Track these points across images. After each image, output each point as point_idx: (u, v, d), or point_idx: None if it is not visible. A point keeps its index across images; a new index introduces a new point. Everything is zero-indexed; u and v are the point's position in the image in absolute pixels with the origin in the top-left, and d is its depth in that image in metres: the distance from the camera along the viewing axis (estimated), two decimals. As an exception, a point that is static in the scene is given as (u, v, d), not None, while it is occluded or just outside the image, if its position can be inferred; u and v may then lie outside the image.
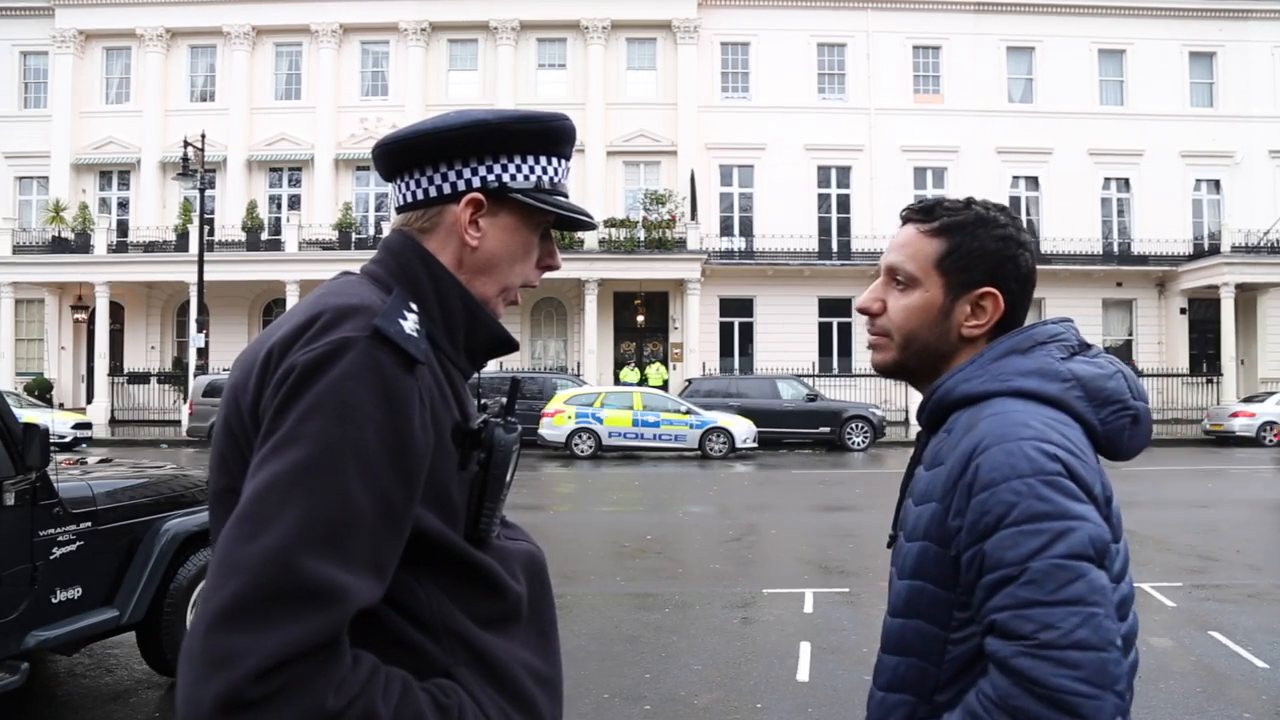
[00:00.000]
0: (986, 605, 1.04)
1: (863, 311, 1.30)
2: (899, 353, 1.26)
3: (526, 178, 1.13)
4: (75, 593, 4.05)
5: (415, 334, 0.99)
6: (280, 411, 0.92)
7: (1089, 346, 1.23)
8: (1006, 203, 24.08)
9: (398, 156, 1.13)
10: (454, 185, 1.11)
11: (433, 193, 1.12)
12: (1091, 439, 1.14)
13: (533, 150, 1.13)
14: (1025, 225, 1.26)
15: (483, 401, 1.19)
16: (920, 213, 1.26)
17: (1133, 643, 1.13)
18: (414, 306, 1.04)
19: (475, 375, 1.19)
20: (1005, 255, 1.22)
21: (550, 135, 1.14)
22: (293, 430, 0.90)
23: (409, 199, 1.14)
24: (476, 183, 1.11)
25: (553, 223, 1.19)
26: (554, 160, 1.16)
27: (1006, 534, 1.03)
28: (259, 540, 0.86)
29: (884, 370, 1.29)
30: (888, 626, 1.20)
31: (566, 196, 1.18)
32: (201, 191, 21.49)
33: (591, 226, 1.24)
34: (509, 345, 1.18)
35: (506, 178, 1.12)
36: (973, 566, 1.07)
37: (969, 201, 1.26)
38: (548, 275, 1.25)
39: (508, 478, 1.07)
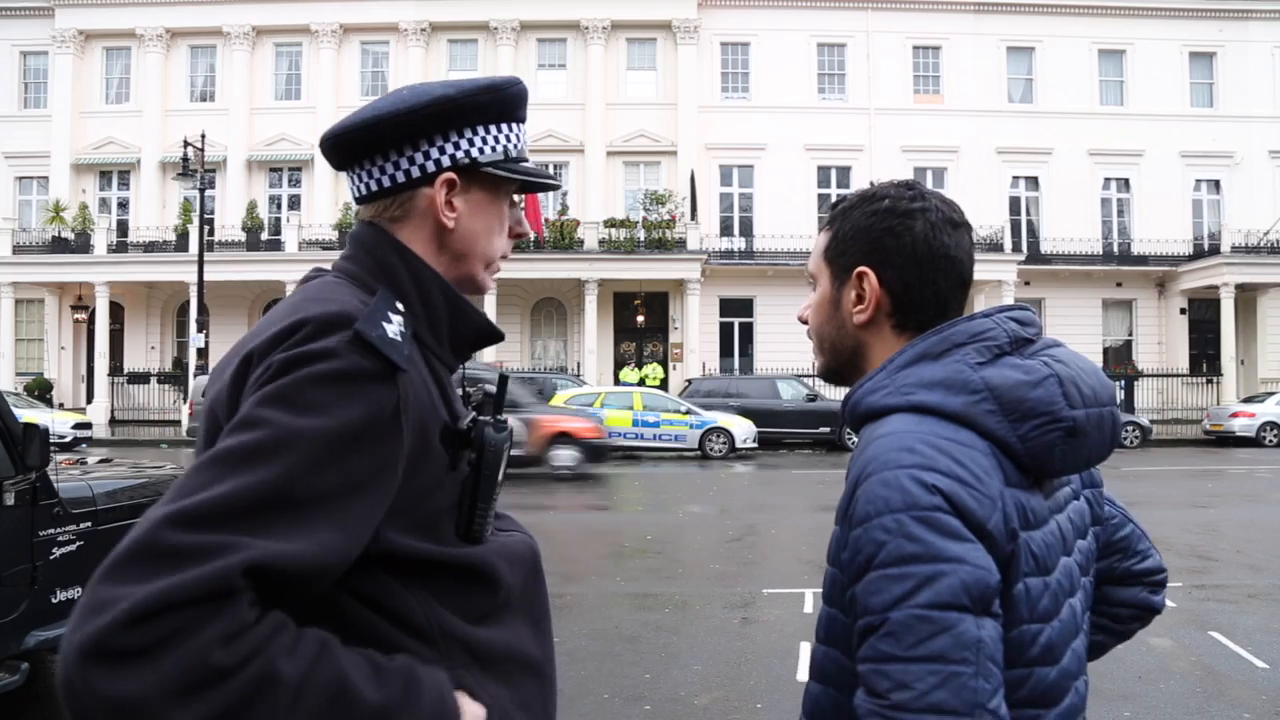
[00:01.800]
0: (857, 653, 0.94)
1: (801, 322, 1.25)
2: (821, 356, 1.21)
3: (494, 149, 1.10)
4: (75, 593, 4.05)
5: (399, 338, 0.96)
6: (251, 401, 0.89)
7: (1028, 342, 1.08)
8: (1006, 203, 23.76)
9: (355, 144, 1.08)
10: (423, 167, 1.07)
11: (400, 178, 1.08)
12: (1011, 457, 1.00)
13: (495, 119, 1.11)
14: (929, 195, 1.13)
15: (466, 391, 1.16)
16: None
17: (1069, 685, 1.04)
18: (399, 306, 1.00)
19: (460, 368, 1.16)
20: (880, 229, 1.11)
21: (509, 101, 1.12)
22: (249, 415, 0.87)
23: (374, 188, 1.09)
24: (447, 161, 1.07)
25: (516, 189, 1.17)
26: (514, 126, 1.13)
27: (873, 577, 0.93)
28: (170, 503, 0.82)
29: (823, 378, 1.23)
30: (814, 651, 1.10)
31: (527, 160, 1.16)
32: (201, 191, 21.49)
33: (555, 187, 1.22)
34: (493, 336, 1.15)
35: (475, 152, 1.09)
36: (851, 607, 0.97)
37: (866, 191, 1.18)
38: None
39: (499, 476, 1.05)
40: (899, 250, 1.10)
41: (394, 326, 0.96)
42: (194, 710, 0.75)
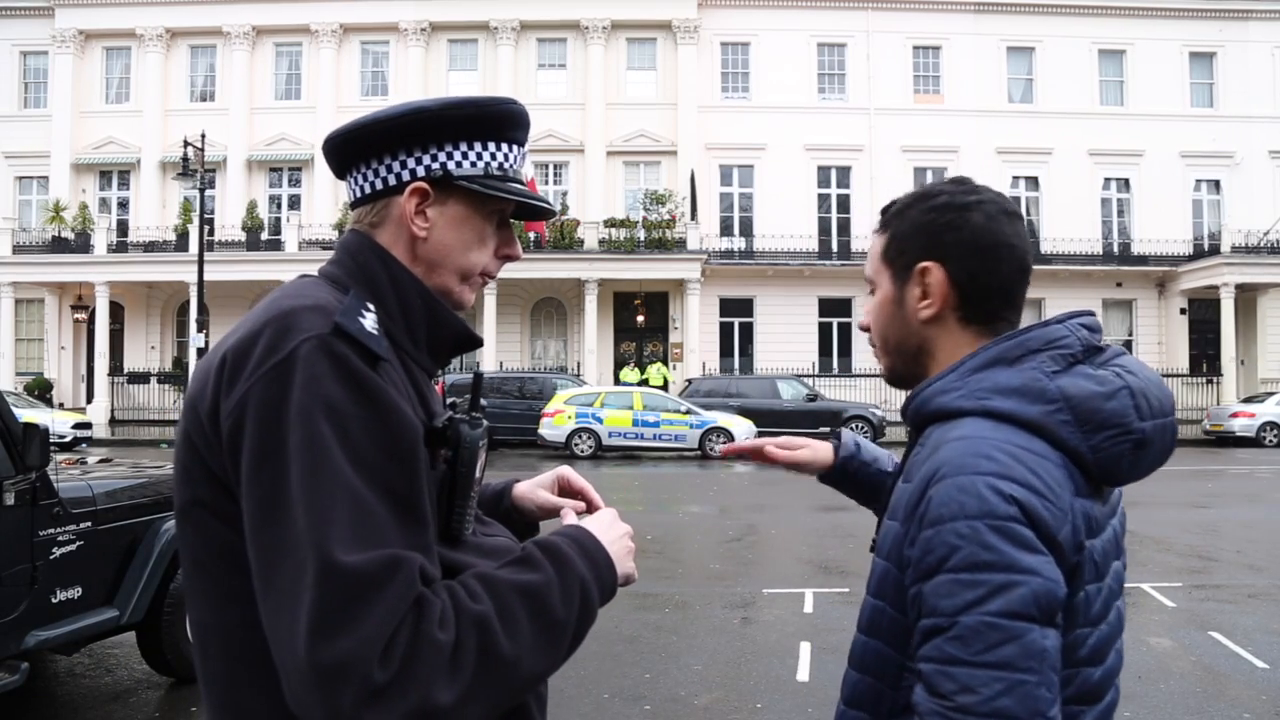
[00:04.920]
0: (918, 650, 0.97)
1: (863, 329, 1.25)
2: (886, 359, 1.21)
3: (473, 164, 1.09)
4: (75, 593, 4.05)
5: (376, 331, 0.98)
6: (258, 434, 0.90)
7: (1099, 350, 1.09)
8: None
9: (343, 151, 1.11)
10: (399, 176, 1.08)
11: (378, 185, 1.09)
12: (1081, 467, 1.02)
13: (479, 136, 1.10)
14: (982, 189, 1.16)
15: (451, 401, 1.17)
16: (881, 215, 1.23)
17: (1111, 683, 1.07)
18: (371, 306, 1.02)
19: (440, 373, 1.18)
20: (940, 224, 1.12)
21: (495, 120, 1.11)
22: (267, 447, 0.89)
23: (358, 194, 1.11)
24: (421, 171, 1.08)
25: (510, 211, 1.15)
26: (503, 146, 1.12)
27: (943, 580, 0.94)
28: (292, 556, 0.86)
29: (888, 381, 1.24)
30: (855, 641, 1.14)
31: (522, 183, 1.15)
32: (201, 191, 21.49)
33: (550, 214, 1.20)
34: (472, 342, 1.15)
35: (452, 165, 1.08)
36: (914, 605, 0.99)
37: (919, 191, 1.19)
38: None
39: (476, 474, 1.05)
40: (960, 242, 1.11)
41: (369, 321, 0.99)
42: (459, 684, 0.87)
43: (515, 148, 1.14)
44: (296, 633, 0.84)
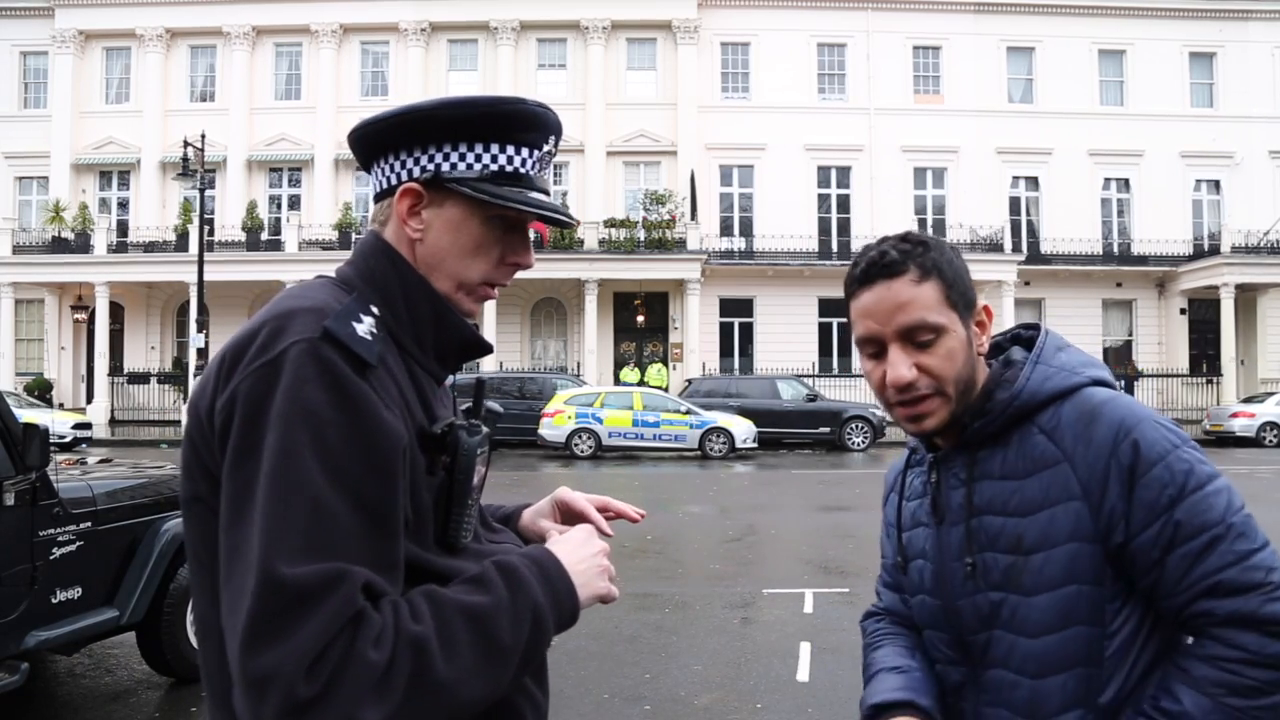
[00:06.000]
0: (1195, 571, 1.06)
1: (908, 386, 1.17)
2: (954, 404, 1.18)
3: (470, 166, 1.06)
4: (75, 593, 4.05)
5: (369, 337, 0.96)
6: (240, 430, 0.91)
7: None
8: (1006, 203, 24.46)
9: (359, 147, 1.11)
10: (398, 176, 1.07)
11: (383, 184, 1.09)
12: None
13: (478, 137, 1.06)
14: None
15: (467, 406, 1.16)
16: (887, 268, 1.17)
17: None
18: (374, 310, 1.01)
19: (450, 378, 1.15)
20: (962, 268, 1.22)
21: (497, 120, 1.06)
22: (247, 443, 0.90)
23: (376, 190, 1.11)
24: (417, 172, 1.06)
25: (518, 217, 1.10)
26: (508, 148, 1.07)
27: (1196, 498, 1.07)
28: (245, 558, 0.87)
29: (941, 430, 1.20)
30: (1031, 650, 1.14)
31: (535, 189, 1.09)
32: (201, 191, 21.49)
33: (557, 222, 1.12)
34: (480, 348, 1.12)
35: (446, 167, 1.05)
36: (1159, 542, 1.08)
37: (906, 237, 1.21)
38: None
39: (475, 481, 1.04)
40: (971, 285, 1.24)
41: (364, 326, 0.97)
42: (387, 705, 0.86)
43: (528, 150, 1.08)
44: (235, 638, 0.85)
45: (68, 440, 18.11)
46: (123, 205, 26.95)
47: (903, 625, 1.36)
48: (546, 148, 1.11)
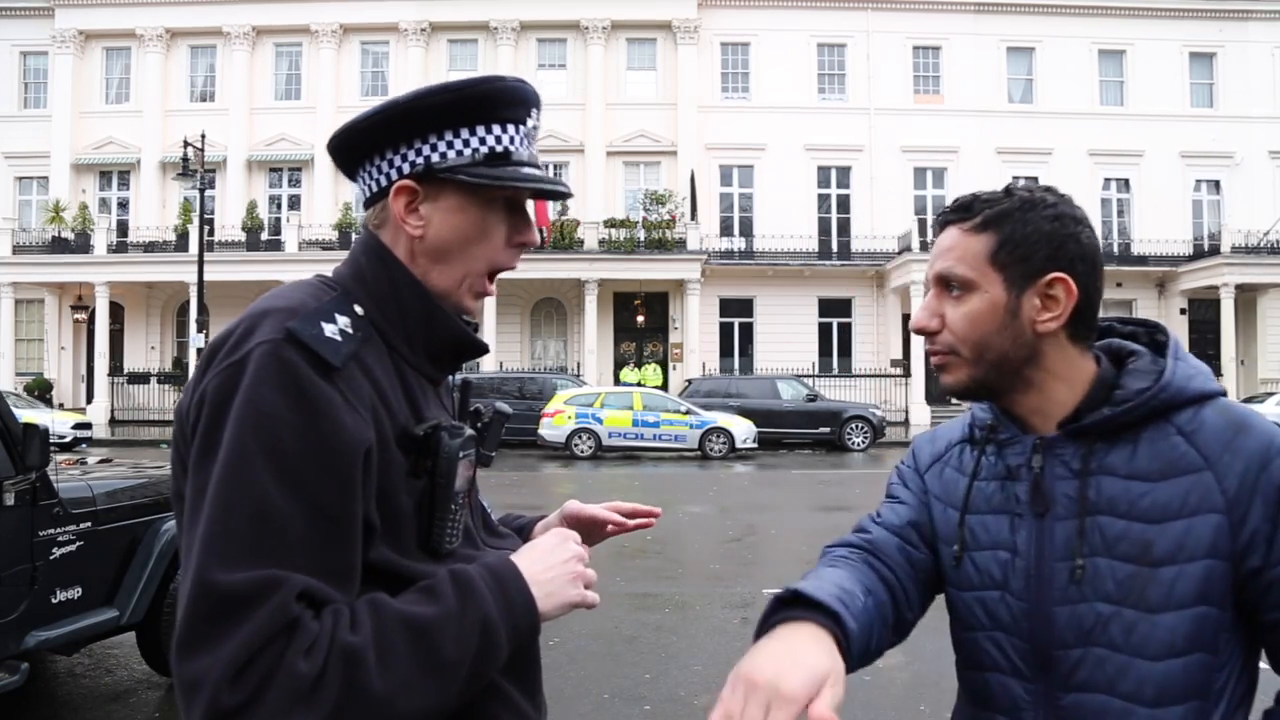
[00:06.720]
0: None
1: (920, 331, 1.14)
2: (974, 368, 1.12)
3: (461, 153, 1.03)
4: (75, 593, 4.05)
5: (338, 338, 0.94)
6: (203, 430, 0.91)
7: None
8: None
9: (341, 155, 1.09)
10: (388, 175, 1.05)
11: (374, 186, 1.06)
12: None
13: (462, 122, 1.03)
14: (1075, 202, 1.14)
15: (475, 408, 1.14)
16: (958, 211, 1.13)
17: None
18: (357, 309, 1.00)
19: (450, 378, 1.12)
20: (1064, 234, 1.08)
21: (478, 101, 1.03)
22: (207, 443, 0.90)
23: (364, 195, 1.09)
24: (407, 169, 1.04)
25: (514, 195, 1.08)
26: (494, 127, 1.04)
27: None
28: (188, 561, 0.87)
29: (961, 391, 1.14)
30: (1151, 674, 1.02)
31: (526, 164, 1.07)
32: (201, 191, 21.50)
33: (557, 194, 1.11)
34: (474, 348, 1.09)
35: (435, 158, 1.03)
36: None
37: (1008, 190, 1.13)
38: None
39: (457, 485, 1.01)
40: (1082, 257, 1.09)
41: (334, 327, 0.95)
42: (315, 716, 0.84)
43: (513, 127, 1.07)
44: (173, 641, 0.86)
45: (68, 440, 18.10)
46: (123, 205, 26.96)
47: (883, 564, 1.18)
48: (531, 122, 1.09)
